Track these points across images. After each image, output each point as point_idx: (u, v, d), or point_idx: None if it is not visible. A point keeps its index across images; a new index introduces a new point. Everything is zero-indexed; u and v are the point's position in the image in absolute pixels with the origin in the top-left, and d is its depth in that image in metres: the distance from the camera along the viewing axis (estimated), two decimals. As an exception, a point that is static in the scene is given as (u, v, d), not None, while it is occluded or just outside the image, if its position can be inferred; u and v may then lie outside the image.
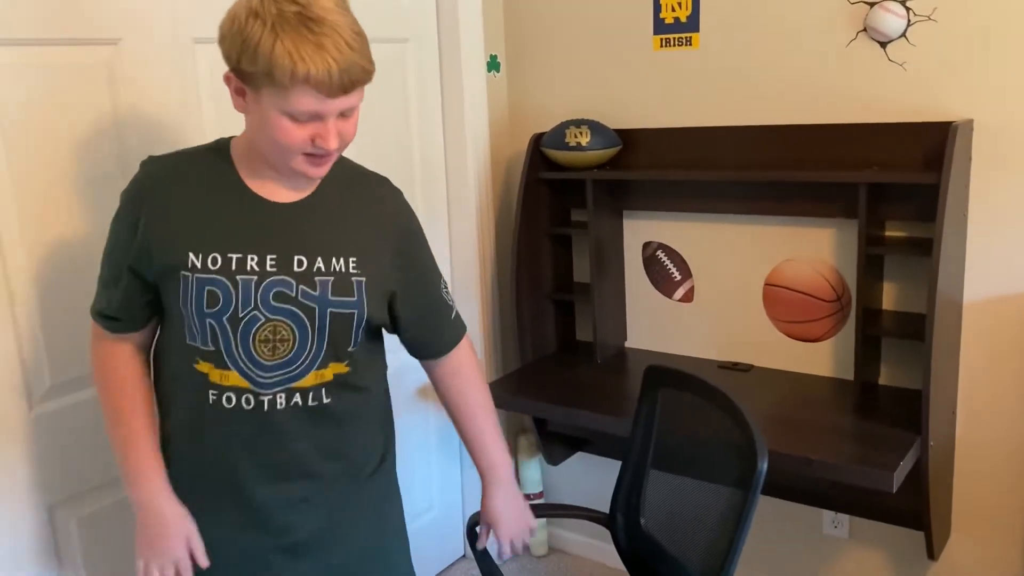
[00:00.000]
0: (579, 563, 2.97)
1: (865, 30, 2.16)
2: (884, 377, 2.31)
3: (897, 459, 1.90)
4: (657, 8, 2.48)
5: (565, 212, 2.78)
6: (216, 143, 1.44)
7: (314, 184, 1.41)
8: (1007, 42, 2.00)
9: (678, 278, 2.62)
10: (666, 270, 2.64)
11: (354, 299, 1.40)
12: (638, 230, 2.67)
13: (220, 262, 1.34)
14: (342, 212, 1.42)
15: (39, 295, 1.76)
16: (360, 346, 1.45)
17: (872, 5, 2.13)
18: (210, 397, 1.39)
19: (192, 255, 1.34)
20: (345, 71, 1.22)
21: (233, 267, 1.34)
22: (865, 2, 2.14)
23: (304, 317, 1.37)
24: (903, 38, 2.12)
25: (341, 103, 1.26)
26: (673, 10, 2.45)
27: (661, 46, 2.50)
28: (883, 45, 2.15)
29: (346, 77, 1.22)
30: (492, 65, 2.77)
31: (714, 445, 1.76)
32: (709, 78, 2.43)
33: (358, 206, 1.44)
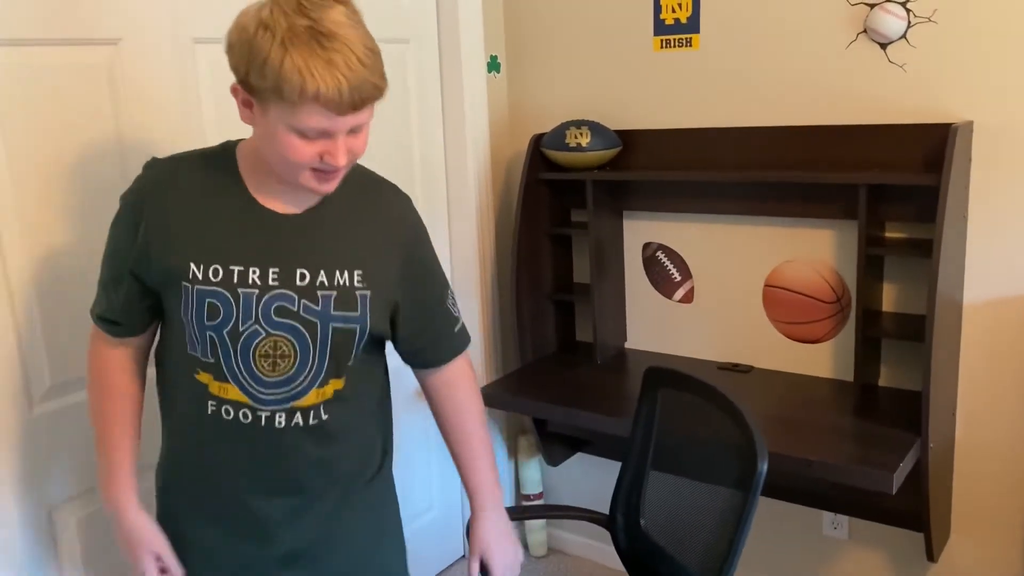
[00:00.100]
0: (578, 564, 2.97)
1: (865, 31, 2.16)
2: (884, 378, 2.31)
3: (897, 460, 1.90)
4: (657, 9, 2.48)
5: (565, 212, 2.78)
6: (223, 147, 1.40)
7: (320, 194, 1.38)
8: (1007, 44, 2.00)
9: (678, 279, 2.62)
10: (666, 271, 2.64)
11: (357, 314, 1.36)
12: (638, 231, 2.67)
13: (221, 274, 1.32)
14: (349, 222, 1.38)
15: (39, 295, 1.76)
16: (358, 359, 1.42)
17: (872, 6, 2.13)
18: (209, 407, 1.37)
19: (193, 265, 1.32)
20: (356, 88, 1.17)
21: (235, 280, 1.31)
22: (865, 3, 2.14)
23: (305, 332, 1.34)
24: (903, 39, 2.12)
25: (351, 120, 1.22)
26: (673, 11, 2.45)
27: (661, 47, 2.50)
28: (883, 46, 2.15)
29: (356, 95, 1.18)
30: (492, 66, 2.77)
31: (714, 446, 1.76)
32: (709, 79, 2.43)
33: (365, 215, 1.41)
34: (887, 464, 1.89)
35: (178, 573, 1.43)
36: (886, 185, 2.13)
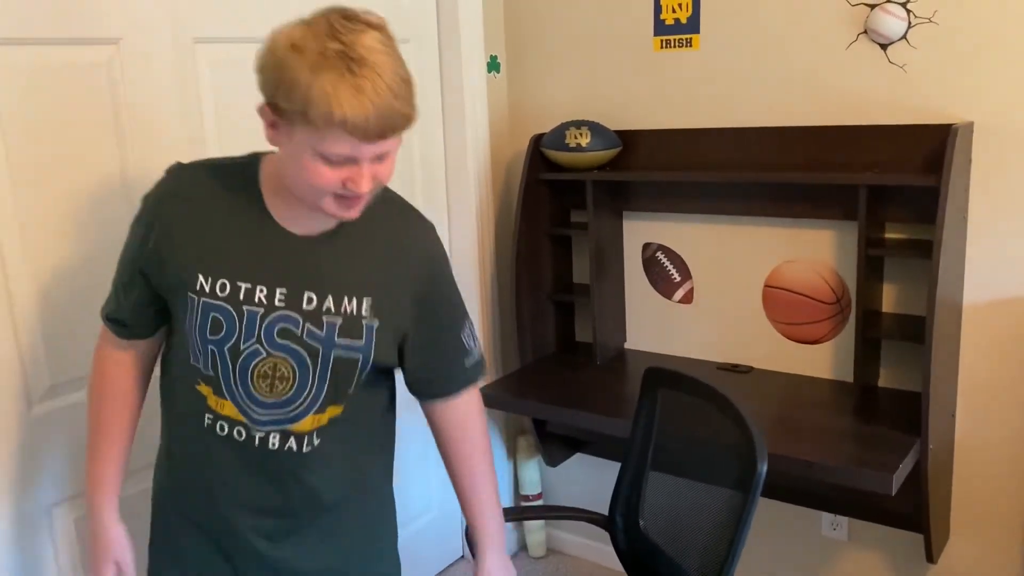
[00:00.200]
0: (578, 564, 2.96)
1: (866, 32, 2.16)
2: (884, 379, 2.31)
3: (896, 461, 1.90)
4: (657, 9, 2.48)
5: (565, 213, 2.78)
6: (248, 159, 1.36)
7: None
8: (1008, 45, 2.00)
9: (678, 279, 2.62)
10: (666, 271, 2.64)
11: (361, 343, 1.34)
12: (638, 231, 2.67)
13: (228, 289, 1.30)
14: (364, 249, 1.35)
15: (39, 295, 1.75)
16: (360, 387, 1.39)
17: (873, 7, 2.13)
18: (206, 420, 1.36)
19: (202, 277, 1.30)
20: (383, 116, 1.14)
21: (241, 296, 1.30)
22: (866, 4, 2.14)
23: (307, 357, 1.31)
24: (904, 40, 2.12)
25: (377, 148, 1.18)
26: (673, 11, 2.45)
27: (661, 47, 2.50)
28: (884, 47, 2.15)
29: (384, 123, 1.14)
30: (492, 66, 2.77)
31: (714, 447, 1.76)
32: (709, 79, 2.43)
33: (383, 243, 1.37)
34: (887, 465, 1.89)
35: None
36: (886, 186, 2.13)
